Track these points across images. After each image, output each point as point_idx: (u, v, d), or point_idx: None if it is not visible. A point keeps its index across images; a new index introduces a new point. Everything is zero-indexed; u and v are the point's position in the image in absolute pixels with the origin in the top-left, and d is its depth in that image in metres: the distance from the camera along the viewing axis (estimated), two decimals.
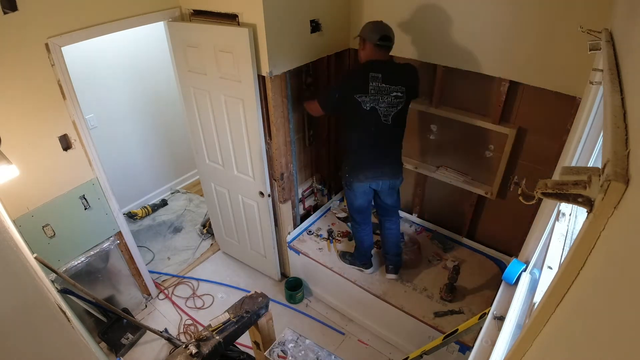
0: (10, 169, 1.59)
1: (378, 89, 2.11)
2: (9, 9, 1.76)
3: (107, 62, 3.33)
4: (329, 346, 2.61)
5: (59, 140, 2.15)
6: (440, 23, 2.24)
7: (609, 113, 0.66)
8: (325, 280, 2.88)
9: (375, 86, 2.10)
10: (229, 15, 2.19)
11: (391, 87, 2.12)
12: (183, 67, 2.55)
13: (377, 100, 2.13)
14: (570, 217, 1.52)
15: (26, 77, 1.93)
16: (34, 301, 1.09)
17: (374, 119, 2.17)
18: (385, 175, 2.36)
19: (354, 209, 2.54)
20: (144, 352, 2.76)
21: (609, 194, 0.47)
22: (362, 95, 2.11)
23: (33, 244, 2.15)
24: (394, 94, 2.14)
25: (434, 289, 2.57)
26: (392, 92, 2.13)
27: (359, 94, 2.10)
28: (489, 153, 2.50)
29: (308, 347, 1.91)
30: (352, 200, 2.49)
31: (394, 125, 2.23)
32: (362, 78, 2.10)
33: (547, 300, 0.68)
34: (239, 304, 1.86)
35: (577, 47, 1.80)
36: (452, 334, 1.83)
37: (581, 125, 1.44)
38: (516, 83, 2.17)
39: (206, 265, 3.46)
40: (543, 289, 1.41)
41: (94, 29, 2.09)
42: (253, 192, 2.75)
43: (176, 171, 4.36)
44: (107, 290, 2.76)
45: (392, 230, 2.61)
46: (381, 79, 2.09)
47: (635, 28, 0.85)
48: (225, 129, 2.59)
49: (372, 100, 2.13)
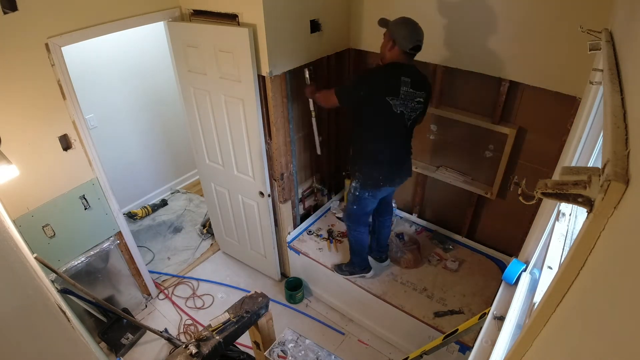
0: (10, 169, 1.59)
1: (407, 93, 2.05)
2: (9, 9, 1.76)
3: (107, 62, 3.33)
4: (329, 346, 2.60)
5: (59, 140, 2.15)
6: (440, 23, 2.24)
7: (609, 113, 0.66)
8: (325, 280, 2.88)
9: (405, 90, 2.04)
10: (229, 15, 2.19)
11: (416, 93, 2.08)
12: (183, 67, 2.55)
13: (405, 105, 2.08)
14: (570, 217, 1.52)
15: (26, 77, 1.93)
16: (34, 301, 1.09)
17: (401, 122, 2.13)
18: (406, 177, 2.38)
19: (366, 214, 2.46)
20: (144, 352, 2.76)
21: (609, 194, 0.47)
22: (394, 98, 2.03)
23: (33, 244, 2.14)
24: (417, 99, 2.10)
25: (434, 289, 2.57)
26: (416, 97, 2.09)
27: (390, 96, 2.02)
28: (489, 153, 2.50)
29: (308, 347, 1.91)
30: (368, 206, 2.41)
31: (410, 128, 2.21)
32: (395, 81, 2.02)
33: (547, 300, 0.68)
34: (239, 304, 1.85)
35: (577, 47, 1.80)
36: (452, 334, 1.82)
37: (581, 125, 1.44)
38: (516, 83, 2.17)
39: (206, 265, 3.46)
40: (543, 289, 1.41)
41: (94, 29, 2.09)
42: (253, 192, 2.75)
43: (176, 171, 4.36)
44: (107, 290, 2.76)
45: (389, 228, 2.70)
46: (410, 84, 2.04)
47: (635, 28, 0.85)
48: (225, 129, 2.59)
49: (402, 105, 2.06)
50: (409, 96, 2.07)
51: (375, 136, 2.18)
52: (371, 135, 2.19)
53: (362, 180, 2.29)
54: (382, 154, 2.21)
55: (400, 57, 2.03)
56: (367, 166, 2.27)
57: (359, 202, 2.38)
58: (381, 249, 2.74)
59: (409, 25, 2.00)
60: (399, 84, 2.02)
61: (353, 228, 2.53)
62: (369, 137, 2.20)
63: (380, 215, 2.63)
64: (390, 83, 2.03)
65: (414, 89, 2.06)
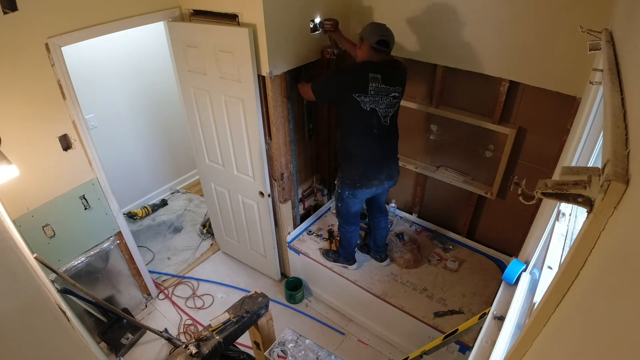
0: (10, 169, 1.59)
1: (378, 89, 2.07)
2: (9, 9, 1.76)
3: (107, 62, 3.33)
4: (329, 346, 2.61)
5: (59, 140, 2.15)
6: (440, 23, 2.23)
7: (609, 113, 0.66)
8: (325, 280, 2.88)
9: (375, 87, 2.06)
10: (229, 15, 2.19)
11: (390, 88, 2.10)
12: (183, 67, 2.55)
13: (377, 102, 2.09)
14: (570, 217, 1.52)
15: (26, 77, 1.93)
16: (34, 301, 1.09)
17: (374, 120, 2.13)
18: (390, 177, 2.36)
19: (351, 214, 2.50)
20: (144, 352, 2.76)
21: (609, 194, 0.47)
22: (362, 95, 2.06)
23: (33, 244, 2.15)
24: (393, 94, 2.12)
25: (434, 289, 2.57)
26: (390, 92, 2.11)
27: (357, 93, 2.05)
28: (489, 153, 2.50)
29: (308, 347, 1.91)
30: (351, 206, 2.45)
31: (391, 126, 2.21)
32: (362, 78, 2.05)
33: (547, 300, 0.68)
34: (239, 304, 1.85)
35: (577, 47, 1.80)
36: (452, 334, 1.82)
37: (581, 125, 1.44)
38: (516, 83, 2.17)
39: (206, 265, 3.46)
40: (543, 289, 1.41)
41: (94, 29, 2.09)
42: (253, 192, 2.75)
43: (176, 171, 4.36)
44: (107, 290, 2.76)
45: (385, 229, 2.70)
46: (380, 80, 2.06)
47: (635, 28, 0.85)
48: (225, 129, 2.59)
49: (372, 101, 2.08)
50: (381, 92, 2.07)
51: (349, 134, 2.21)
52: (346, 134, 2.22)
53: (341, 178, 2.37)
54: (356, 153, 2.24)
55: (371, 55, 2.06)
56: (345, 164, 2.33)
57: (340, 199, 2.46)
58: (379, 249, 2.75)
59: (375, 24, 2.09)
60: (367, 80, 2.03)
61: (342, 225, 2.63)
62: (344, 135, 2.24)
63: (374, 217, 2.64)
64: (356, 80, 2.06)
65: (386, 84, 2.07)
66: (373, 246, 2.76)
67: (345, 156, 2.31)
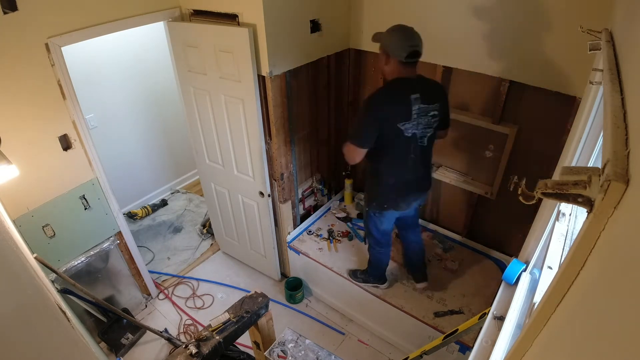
0: (10, 169, 1.59)
1: (419, 111, 1.85)
2: (9, 9, 1.76)
3: (107, 62, 3.33)
4: (329, 346, 2.61)
5: (58, 140, 2.15)
6: (440, 23, 2.23)
7: (609, 113, 0.66)
8: (325, 280, 2.88)
9: (417, 109, 1.83)
10: (229, 15, 2.19)
11: (429, 107, 1.88)
12: (183, 67, 2.55)
13: (417, 125, 1.88)
14: (570, 217, 1.52)
15: (26, 77, 1.93)
16: (34, 301, 1.09)
17: (412, 145, 1.93)
18: (422, 196, 2.23)
19: (380, 232, 2.32)
20: (144, 352, 2.76)
21: (609, 194, 0.47)
22: (406, 123, 1.83)
23: (33, 244, 2.15)
24: (432, 113, 1.90)
25: (434, 289, 2.57)
26: (429, 111, 1.89)
27: (403, 122, 1.82)
28: (489, 153, 2.50)
29: (308, 347, 1.91)
30: (379, 225, 2.28)
31: (428, 145, 2.01)
32: (404, 102, 1.81)
33: (547, 300, 0.68)
34: (239, 304, 1.85)
35: (577, 47, 1.80)
36: (452, 334, 1.82)
37: (581, 125, 1.44)
38: (516, 83, 2.17)
39: (206, 265, 3.46)
40: (543, 289, 1.40)
41: (94, 29, 2.09)
42: (253, 192, 2.75)
43: (176, 171, 4.36)
44: (107, 290, 2.76)
45: (418, 243, 2.50)
46: (420, 100, 1.83)
47: (635, 28, 0.85)
48: (225, 129, 2.59)
49: (413, 126, 1.87)
50: (421, 113, 1.87)
51: (382, 159, 2.01)
52: (378, 158, 2.01)
53: (367, 198, 2.24)
54: (388, 179, 2.06)
55: (401, 71, 1.81)
56: (373, 187, 2.16)
57: (371, 221, 2.29)
58: (413, 268, 2.52)
59: (400, 31, 1.77)
60: (410, 105, 1.81)
61: (372, 245, 2.45)
62: (376, 158, 2.03)
63: (405, 230, 2.46)
64: (399, 107, 1.82)
65: (425, 103, 1.86)
66: (406, 265, 2.60)
67: (374, 178, 2.12)
